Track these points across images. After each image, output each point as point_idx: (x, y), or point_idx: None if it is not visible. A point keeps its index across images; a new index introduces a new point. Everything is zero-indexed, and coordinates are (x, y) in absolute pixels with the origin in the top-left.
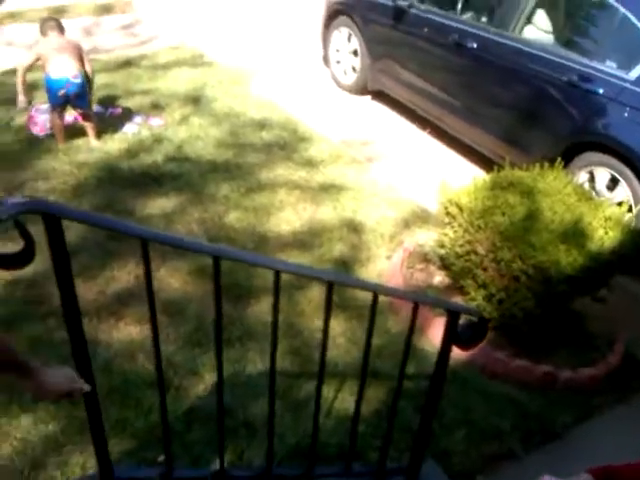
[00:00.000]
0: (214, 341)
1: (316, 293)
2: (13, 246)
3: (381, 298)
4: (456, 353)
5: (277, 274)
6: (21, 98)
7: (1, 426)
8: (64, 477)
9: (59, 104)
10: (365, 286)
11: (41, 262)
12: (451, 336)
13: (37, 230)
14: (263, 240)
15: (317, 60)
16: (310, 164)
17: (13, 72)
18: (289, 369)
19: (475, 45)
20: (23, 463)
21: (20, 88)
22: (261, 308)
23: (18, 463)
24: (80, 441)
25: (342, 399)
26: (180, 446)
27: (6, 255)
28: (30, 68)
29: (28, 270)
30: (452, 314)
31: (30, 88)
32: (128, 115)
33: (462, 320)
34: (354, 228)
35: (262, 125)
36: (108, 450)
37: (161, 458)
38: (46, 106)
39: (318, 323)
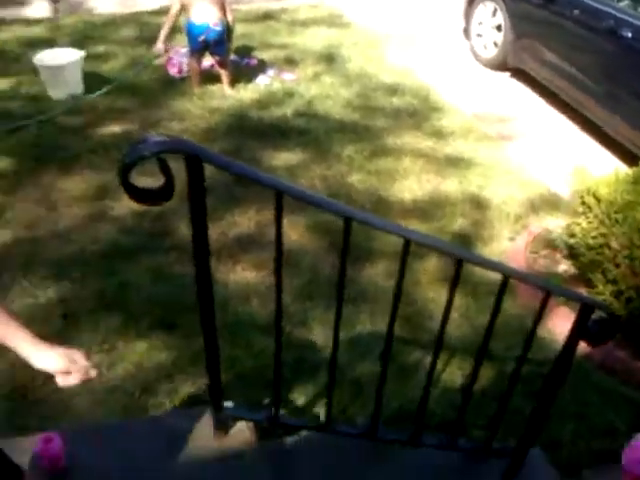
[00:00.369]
0: (328, 296)
1: (433, 263)
2: (147, 181)
3: (499, 277)
4: None
5: (407, 243)
6: (159, 46)
7: (118, 348)
8: (172, 404)
9: (198, 49)
10: (496, 267)
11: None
12: (580, 330)
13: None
14: (383, 204)
15: (457, 32)
16: (439, 135)
17: (158, 13)
18: (398, 335)
19: (630, 34)
20: (134, 386)
21: (163, 35)
22: (376, 271)
23: (129, 385)
24: (192, 372)
25: (450, 372)
26: (284, 393)
27: (149, 190)
28: (177, 16)
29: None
30: (585, 308)
31: (171, 31)
32: (262, 67)
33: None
34: (478, 204)
35: (394, 90)
36: (222, 390)
37: (266, 401)
38: (185, 50)
39: (432, 295)
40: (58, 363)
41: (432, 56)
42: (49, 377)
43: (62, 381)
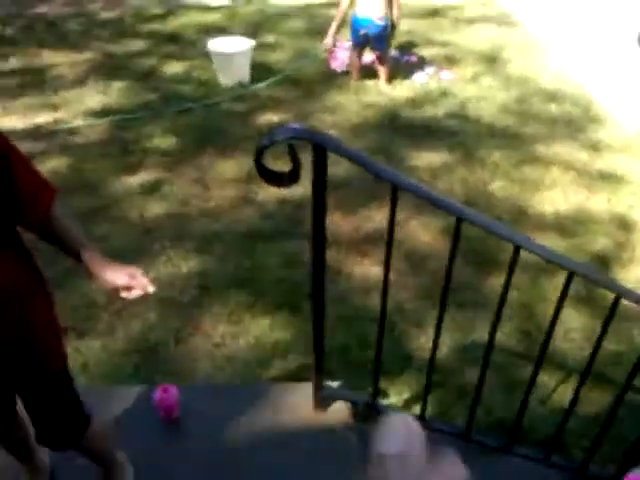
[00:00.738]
0: (447, 300)
1: (561, 280)
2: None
3: (634, 305)
4: None
5: (516, 249)
6: (328, 40)
7: (243, 322)
8: (282, 378)
9: (359, 43)
10: (610, 286)
11: (308, 188)
12: None
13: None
14: (522, 215)
15: (630, 41)
16: (594, 148)
17: (329, 5)
18: (513, 347)
19: None
20: (252, 357)
21: (332, 30)
22: (500, 281)
23: (248, 356)
24: (305, 353)
25: (562, 392)
26: (387, 386)
27: (278, 173)
28: (346, 11)
29: (298, 192)
30: None
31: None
32: (421, 64)
33: None
34: (624, 225)
35: (552, 97)
36: (323, 367)
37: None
38: (348, 44)
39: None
40: (122, 279)
41: (600, 64)
42: (179, 338)
43: (126, 295)
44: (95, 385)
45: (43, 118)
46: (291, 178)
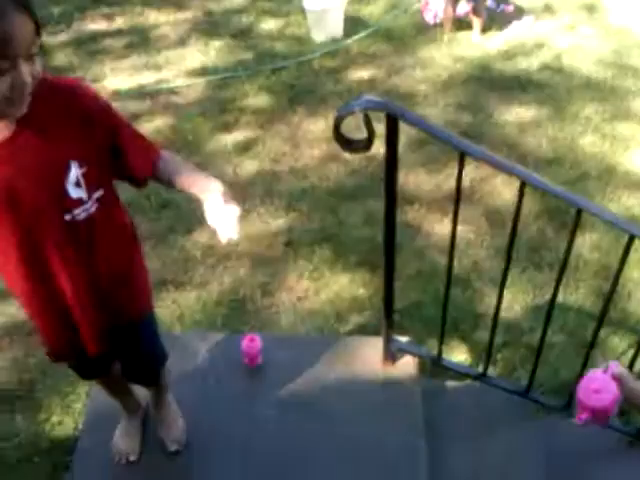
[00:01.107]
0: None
1: None
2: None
3: None
4: None
5: (578, 212)
6: None
7: (325, 278)
8: (357, 332)
9: None
10: None
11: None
12: None
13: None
14: (610, 172)
15: None
16: None
17: None
18: (588, 309)
19: None
20: (331, 312)
21: None
22: (582, 242)
23: (328, 310)
24: (380, 309)
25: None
26: (459, 341)
27: (354, 140)
28: None
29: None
30: None
31: None
32: (518, 14)
33: None
34: None
35: None
36: (393, 321)
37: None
38: None
39: (636, 275)
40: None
41: None
42: (265, 291)
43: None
44: (186, 333)
45: (147, 78)
46: (366, 145)
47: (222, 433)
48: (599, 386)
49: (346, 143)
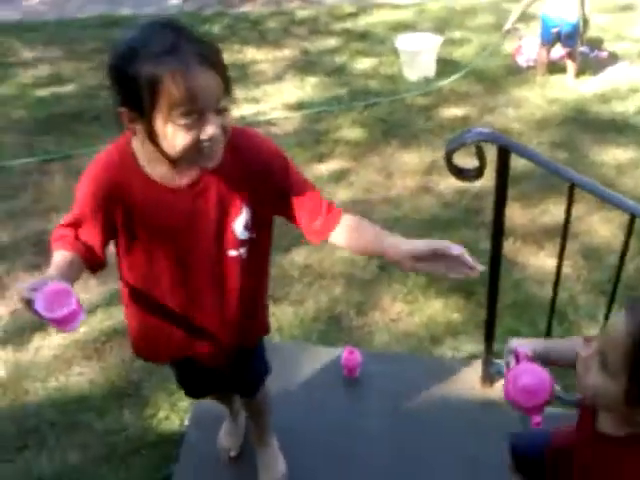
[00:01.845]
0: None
1: None
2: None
3: None
4: None
5: None
6: (507, 27)
7: (418, 302)
8: (452, 355)
9: (549, 41)
10: None
11: (487, 180)
12: None
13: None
14: None
15: None
16: None
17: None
18: None
19: None
20: (425, 334)
21: (514, 17)
22: None
23: (422, 333)
24: (475, 335)
25: None
26: (555, 370)
27: (466, 169)
28: (531, 4)
29: (477, 183)
30: None
31: (525, 18)
32: (611, 60)
33: None
34: None
35: None
36: (493, 346)
37: None
38: (536, 39)
39: None
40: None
41: None
42: (359, 311)
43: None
44: (288, 343)
45: (246, 110)
46: (477, 174)
47: (323, 440)
48: (527, 381)
49: (458, 172)
